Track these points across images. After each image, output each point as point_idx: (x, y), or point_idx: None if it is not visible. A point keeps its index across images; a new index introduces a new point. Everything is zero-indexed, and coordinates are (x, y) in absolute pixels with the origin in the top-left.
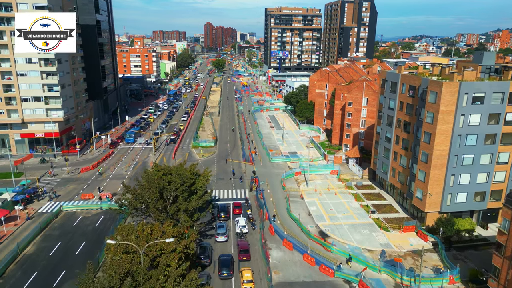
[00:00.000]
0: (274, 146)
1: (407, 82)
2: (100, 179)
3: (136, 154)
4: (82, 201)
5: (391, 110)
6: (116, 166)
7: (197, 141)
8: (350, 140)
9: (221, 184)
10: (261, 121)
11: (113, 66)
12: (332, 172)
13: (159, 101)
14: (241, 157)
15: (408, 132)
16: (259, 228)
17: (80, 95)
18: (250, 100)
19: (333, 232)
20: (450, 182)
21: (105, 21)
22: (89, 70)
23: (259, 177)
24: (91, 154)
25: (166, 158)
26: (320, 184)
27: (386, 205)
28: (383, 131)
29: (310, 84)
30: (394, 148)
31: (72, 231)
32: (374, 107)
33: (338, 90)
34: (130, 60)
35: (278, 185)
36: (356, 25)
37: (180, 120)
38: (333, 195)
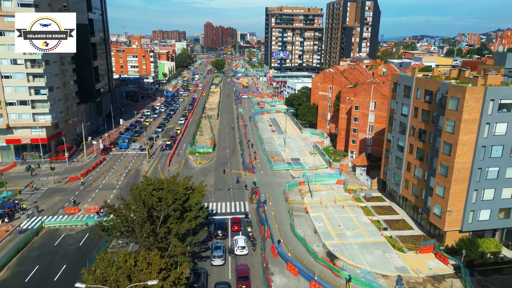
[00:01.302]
0: (276, 152)
1: (422, 86)
2: (89, 190)
3: (129, 161)
4: (67, 216)
5: (404, 116)
6: (107, 175)
7: (194, 146)
8: (357, 146)
9: (219, 196)
10: (261, 124)
11: (107, 67)
12: (338, 182)
13: (156, 103)
14: (240, 164)
15: (423, 141)
16: (260, 249)
17: (70, 98)
18: (250, 102)
19: (342, 253)
20: (473, 198)
21: (99, 20)
22: (81, 71)
23: (260, 187)
24: (81, 161)
25: (160, 165)
26: (326, 195)
27: (398, 221)
28: (395, 139)
29: (313, 86)
30: (408, 158)
31: (53, 251)
32: (382, 112)
33: (344, 93)
34: (127, 60)
35: (281, 196)
36: (359, 24)
37: (177, 124)
38: (340, 209)
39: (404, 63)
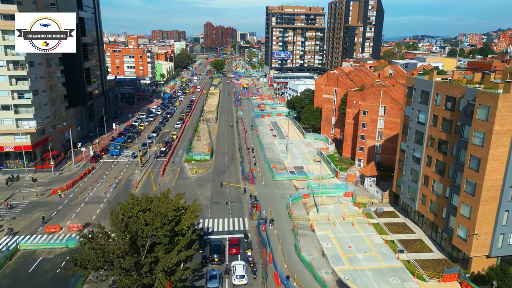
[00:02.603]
0: (277, 160)
1: (443, 92)
2: (74, 203)
3: (120, 170)
4: (46, 235)
5: (421, 124)
6: (95, 186)
7: (190, 153)
8: (365, 154)
9: (216, 211)
10: (262, 128)
11: (100, 68)
12: (346, 194)
13: (153, 105)
14: (240, 173)
15: (444, 153)
16: (262, 277)
17: (57, 102)
18: (251, 104)
19: (354, 281)
20: (503, 219)
21: (91, 19)
22: (71, 73)
23: (261, 200)
24: (68, 170)
25: (154, 175)
26: (333, 210)
27: (415, 241)
28: (410, 149)
29: (316, 88)
30: (425, 171)
31: (25, 280)
32: (393, 117)
33: (351, 96)
34: (124, 61)
35: (284, 211)
36: (362, 24)
37: (173, 128)
38: (350, 226)
39: (410, 64)
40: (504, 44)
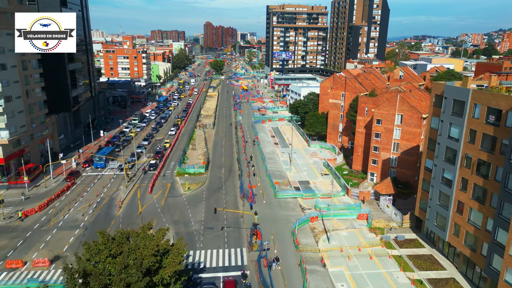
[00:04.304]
0: (280, 173)
1: (484, 103)
2: (45, 229)
3: (103, 186)
4: (6, 273)
5: (453, 140)
6: (72, 206)
7: (183, 165)
8: (378, 167)
9: (209, 239)
10: (263, 135)
11: (88, 70)
12: (360, 217)
13: (147, 109)
14: (238, 189)
15: (485, 176)
16: None
17: (35, 109)
18: (250, 108)
19: None
20: None
21: (78, 17)
22: (53, 76)
23: (262, 224)
24: (45, 186)
25: (141, 191)
26: (347, 237)
27: (448, 280)
28: (438, 168)
29: (321, 92)
30: (459, 196)
31: None
32: (411, 127)
33: (362, 102)
34: (118, 62)
35: (289, 239)
36: (367, 23)
37: (166, 135)
38: (367, 260)
39: (419, 65)
40: (508, 44)
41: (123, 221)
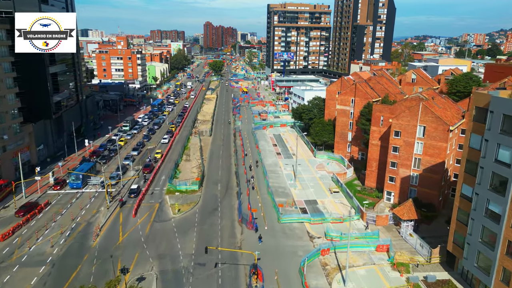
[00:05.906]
0: (283, 190)
1: None
2: (4, 265)
3: (81, 208)
4: None
5: (503, 165)
6: (42, 234)
7: (175, 181)
8: (396, 186)
9: (200, 280)
10: (263, 143)
11: (74, 73)
12: (380, 249)
13: (140, 113)
14: (236, 212)
15: None
16: None
17: (7, 118)
18: (250, 112)
19: None
20: None
21: None
22: (30, 81)
23: (264, 259)
24: (15, 208)
25: (124, 214)
26: (366, 277)
27: None
28: (481, 197)
29: (327, 97)
30: (509, 235)
31: None
32: (435, 141)
33: (377, 111)
34: (111, 63)
35: (296, 281)
36: (372, 23)
37: (159, 143)
38: None
39: (430, 67)
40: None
41: (98, 255)
